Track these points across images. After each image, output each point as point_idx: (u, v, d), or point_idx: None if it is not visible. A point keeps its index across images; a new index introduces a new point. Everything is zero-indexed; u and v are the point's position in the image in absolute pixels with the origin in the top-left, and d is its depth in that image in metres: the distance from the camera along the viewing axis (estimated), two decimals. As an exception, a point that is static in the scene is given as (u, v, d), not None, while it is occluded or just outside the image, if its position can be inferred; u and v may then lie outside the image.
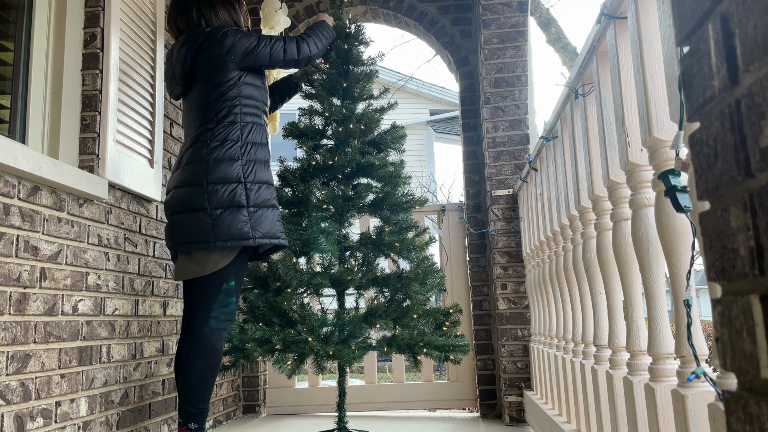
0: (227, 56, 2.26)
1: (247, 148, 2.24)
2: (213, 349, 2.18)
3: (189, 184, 2.18)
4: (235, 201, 2.16)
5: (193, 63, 2.30)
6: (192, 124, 2.32)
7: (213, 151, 2.19)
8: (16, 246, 1.83)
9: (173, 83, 2.39)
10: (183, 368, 2.16)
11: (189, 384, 2.14)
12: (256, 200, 2.20)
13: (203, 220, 2.13)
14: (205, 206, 2.14)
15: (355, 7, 3.94)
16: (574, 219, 1.99)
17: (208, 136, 2.23)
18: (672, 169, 1.02)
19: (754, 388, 0.53)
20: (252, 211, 2.18)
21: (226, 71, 2.27)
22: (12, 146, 1.75)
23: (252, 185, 2.21)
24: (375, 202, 2.88)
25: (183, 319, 2.30)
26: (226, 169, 2.18)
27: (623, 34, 1.41)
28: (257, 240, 2.17)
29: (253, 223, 2.17)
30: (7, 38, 2.25)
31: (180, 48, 2.32)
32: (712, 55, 0.58)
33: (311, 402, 3.73)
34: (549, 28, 7.92)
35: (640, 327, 1.45)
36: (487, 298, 3.62)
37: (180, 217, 2.19)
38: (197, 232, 2.14)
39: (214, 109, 2.26)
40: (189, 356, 2.16)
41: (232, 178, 2.18)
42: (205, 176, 2.16)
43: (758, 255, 0.52)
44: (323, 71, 2.93)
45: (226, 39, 2.27)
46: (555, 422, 2.22)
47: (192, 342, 2.17)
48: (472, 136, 3.76)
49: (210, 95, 2.27)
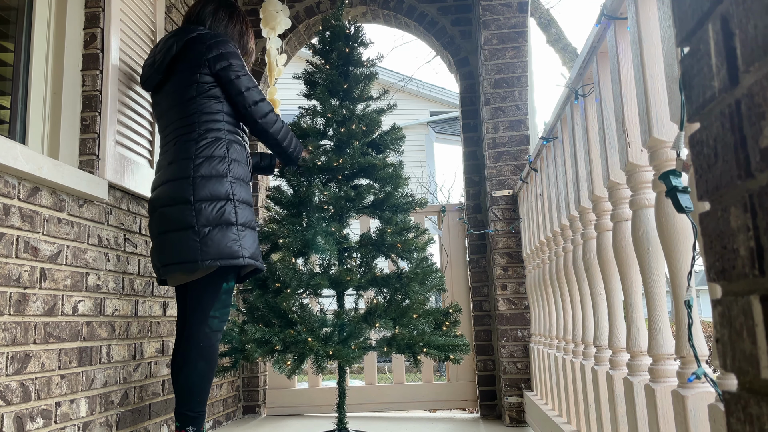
0: (209, 59, 2.18)
1: (232, 166, 2.18)
2: (213, 350, 2.16)
3: (173, 204, 2.11)
4: (224, 219, 2.10)
5: (177, 54, 2.23)
6: (171, 126, 2.23)
7: (199, 167, 2.12)
8: (16, 246, 1.83)
9: (151, 71, 2.29)
10: (182, 371, 2.12)
11: (189, 387, 2.11)
12: (243, 219, 2.15)
13: (191, 238, 2.06)
14: (193, 224, 2.07)
15: (355, 8, 3.94)
16: (574, 220, 1.99)
17: (193, 150, 2.14)
18: (673, 170, 1.02)
19: (755, 388, 0.53)
20: (240, 229, 2.13)
21: (201, 72, 2.19)
22: (12, 147, 1.75)
23: (239, 203, 2.15)
24: (375, 203, 2.88)
25: (178, 321, 2.28)
26: (214, 185, 2.11)
27: (623, 35, 1.41)
28: (246, 260, 2.11)
29: (241, 242, 2.12)
30: (7, 39, 2.25)
31: (169, 38, 2.27)
32: (712, 56, 0.58)
33: (311, 403, 3.73)
34: (549, 29, 7.92)
35: (641, 327, 1.44)
36: (487, 299, 3.61)
37: (166, 237, 2.12)
38: (186, 251, 2.07)
39: (197, 121, 2.18)
40: (188, 358, 2.12)
41: (221, 195, 2.11)
42: (192, 193, 2.09)
43: (758, 255, 0.51)
44: (324, 72, 2.94)
45: (219, 45, 2.22)
46: (555, 423, 2.22)
47: (191, 344, 2.13)
48: (473, 137, 3.76)
49: (186, 94, 2.19)
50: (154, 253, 2.19)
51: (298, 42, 4.10)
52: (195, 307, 2.15)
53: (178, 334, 2.24)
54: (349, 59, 2.93)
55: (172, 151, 2.20)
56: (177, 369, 2.14)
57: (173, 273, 2.12)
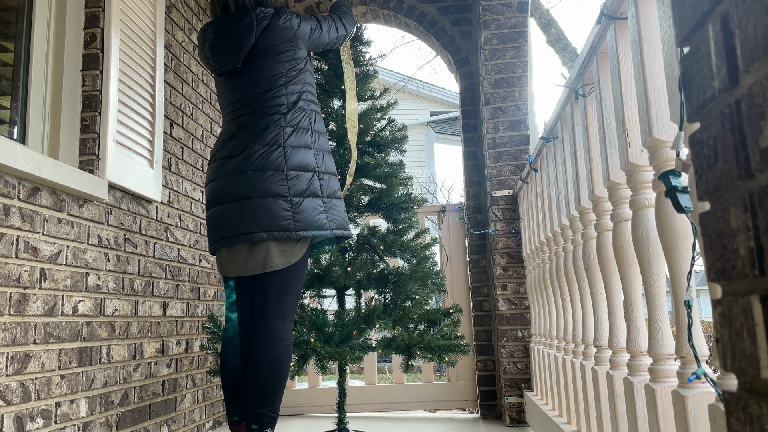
0: (296, 36, 2.19)
1: (317, 137, 2.19)
2: (291, 345, 2.10)
3: (263, 169, 2.05)
4: (311, 190, 2.09)
5: (257, 40, 2.17)
6: (252, 107, 2.16)
7: (289, 137, 2.10)
8: (16, 246, 1.83)
9: (226, 58, 2.19)
10: (266, 369, 2.02)
11: (272, 386, 2.02)
12: (329, 190, 2.16)
13: (283, 207, 2.03)
14: (286, 193, 2.04)
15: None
16: (574, 220, 1.99)
17: (281, 121, 2.12)
18: (673, 170, 1.02)
19: (755, 388, 0.53)
20: (326, 201, 2.14)
21: (295, 49, 2.19)
22: (12, 147, 1.75)
23: (324, 175, 2.16)
24: (372, 202, 2.88)
25: (242, 317, 2.18)
26: (303, 156, 2.11)
27: (623, 35, 1.41)
28: (333, 231, 2.12)
29: (327, 213, 2.12)
30: (7, 39, 2.25)
31: (240, 24, 2.17)
32: (712, 56, 0.58)
33: (311, 403, 3.73)
34: (549, 29, 7.92)
35: (641, 328, 1.44)
36: (487, 299, 3.61)
37: (250, 203, 2.03)
38: (278, 220, 2.02)
39: (283, 93, 2.16)
40: (267, 356, 2.02)
41: (309, 167, 2.12)
42: (285, 162, 2.07)
43: (758, 255, 0.51)
44: (321, 72, 2.94)
45: (293, 19, 2.21)
46: (555, 423, 2.22)
47: (270, 342, 2.03)
48: (473, 137, 3.76)
49: (277, 78, 2.16)
50: (227, 218, 2.06)
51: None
52: (275, 302, 2.07)
53: (244, 332, 2.15)
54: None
55: (252, 122, 2.14)
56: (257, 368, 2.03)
57: (257, 240, 2.03)
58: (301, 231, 2.04)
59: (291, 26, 2.19)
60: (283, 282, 2.08)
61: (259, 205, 2.02)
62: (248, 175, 2.05)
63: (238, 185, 2.06)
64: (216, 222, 2.12)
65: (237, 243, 2.06)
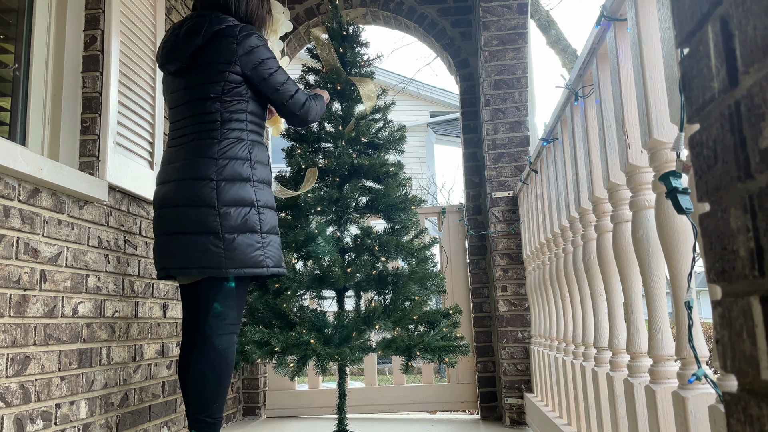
0: (240, 57, 2.08)
1: (255, 168, 2.10)
2: (232, 353, 2.07)
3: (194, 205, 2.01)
4: (248, 225, 2.03)
5: (203, 44, 2.10)
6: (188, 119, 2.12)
7: (222, 170, 2.03)
8: (16, 248, 1.83)
9: (172, 57, 2.15)
10: (200, 376, 2.01)
11: (208, 392, 2.01)
12: (268, 225, 2.09)
13: (214, 244, 1.99)
14: (217, 229, 1.99)
15: (354, 9, 3.95)
16: (574, 221, 1.99)
17: (215, 150, 2.05)
18: (673, 171, 1.02)
19: (755, 389, 0.53)
20: (264, 236, 2.07)
21: (230, 71, 2.09)
22: (12, 148, 1.75)
23: (263, 209, 2.09)
24: (369, 203, 2.87)
25: (185, 322, 2.21)
26: (238, 190, 2.03)
27: (623, 36, 1.42)
28: (270, 269, 2.06)
29: (264, 250, 2.06)
30: (7, 41, 2.25)
31: (195, 22, 2.13)
32: (712, 57, 0.58)
33: (311, 404, 3.73)
34: (549, 31, 7.93)
35: (641, 329, 1.44)
36: (487, 300, 3.61)
37: (184, 238, 2.02)
38: (209, 257, 1.99)
39: (219, 119, 2.08)
40: (206, 362, 2.01)
41: (246, 201, 2.04)
42: (217, 197, 2.01)
43: (758, 256, 0.51)
44: (319, 73, 2.94)
45: (249, 40, 2.09)
46: (555, 424, 2.21)
47: (207, 347, 2.02)
48: (473, 138, 3.77)
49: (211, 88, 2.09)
50: (164, 252, 2.08)
51: (298, 44, 4.10)
52: (209, 309, 2.05)
53: (186, 336, 2.16)
54: (344, 60, 2.93)
55: (189, 146, 2.09)
56: (193, 374, 2.02)
57: (190, 275, 2.05)
58: (233, 269, 2.00)
59: (241, 45, 2.09)
60: (217, 291, 2.05)
61: (191, 242, 2.01)
62: (178, 210, 2.04)
63: (167, 220, 2.06)
64: (158, 249, 2.12)
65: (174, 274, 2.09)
